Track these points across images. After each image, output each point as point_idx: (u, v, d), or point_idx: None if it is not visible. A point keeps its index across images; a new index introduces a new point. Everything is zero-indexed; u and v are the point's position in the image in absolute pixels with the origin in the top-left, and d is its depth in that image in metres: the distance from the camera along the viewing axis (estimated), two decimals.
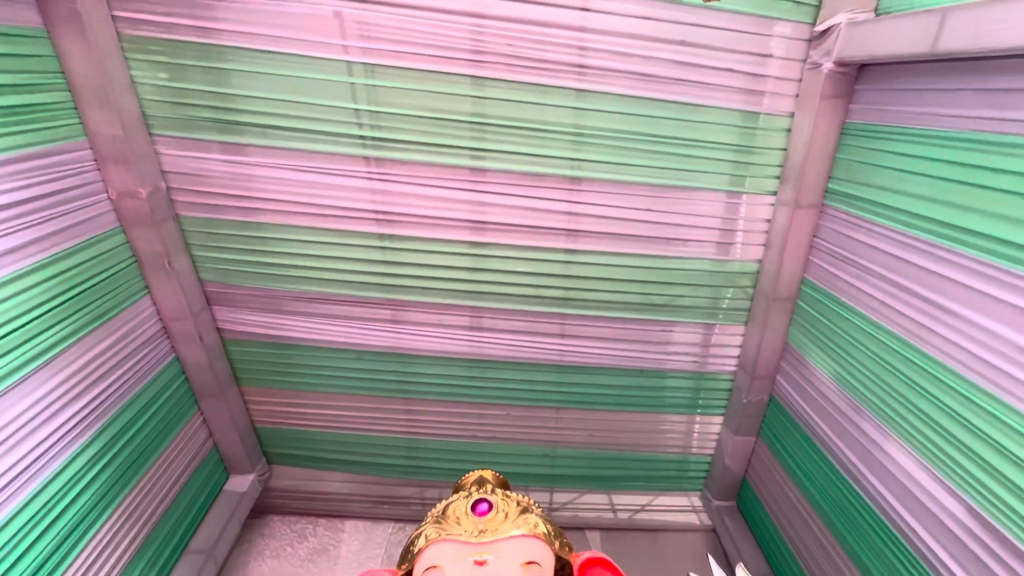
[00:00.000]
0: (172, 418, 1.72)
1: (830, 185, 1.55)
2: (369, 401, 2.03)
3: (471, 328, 1.88)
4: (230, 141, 1.53)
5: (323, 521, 2.25)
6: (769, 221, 1.72)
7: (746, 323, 1.89)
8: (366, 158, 1.57)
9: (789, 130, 1.59)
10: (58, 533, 1.25)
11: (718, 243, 1.77)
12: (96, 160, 1.39)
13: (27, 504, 1.17)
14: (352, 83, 1.48)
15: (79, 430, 1.31)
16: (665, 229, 1.72)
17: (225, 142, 1.53)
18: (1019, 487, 1.01)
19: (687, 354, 1.96)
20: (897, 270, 1.30)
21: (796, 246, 1.65)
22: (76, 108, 1.31)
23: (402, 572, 1.16)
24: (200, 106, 1.48)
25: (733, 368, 1.98)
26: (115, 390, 1.44)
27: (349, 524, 2.25)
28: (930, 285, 1.21)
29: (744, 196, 1.70)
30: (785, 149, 1.62)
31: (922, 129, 1.22)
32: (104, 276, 1.41)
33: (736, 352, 1.96)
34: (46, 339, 1.22)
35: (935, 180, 1.19)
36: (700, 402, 2.08)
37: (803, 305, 1.70)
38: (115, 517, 1.44)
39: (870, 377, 1.41)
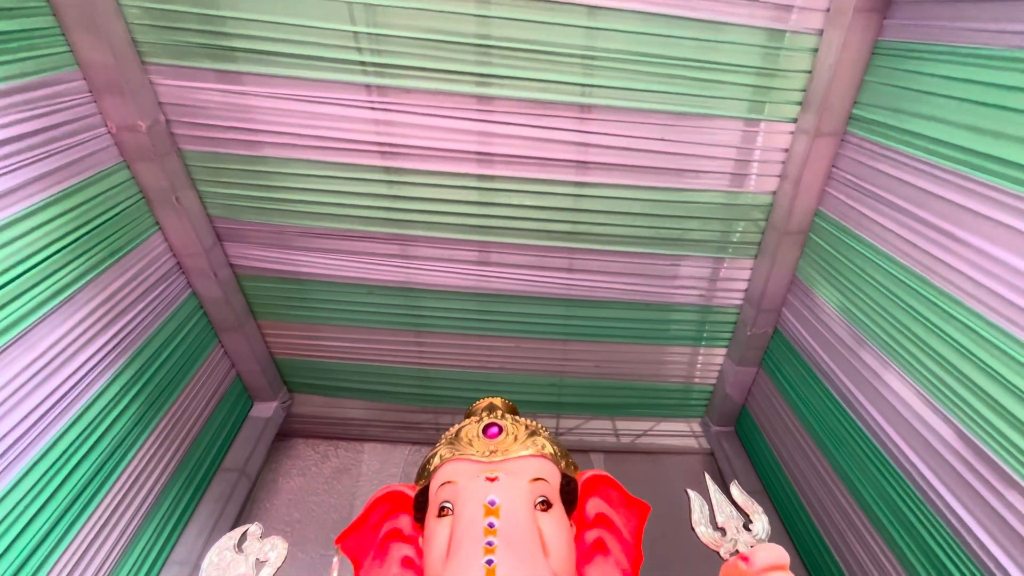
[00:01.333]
0: (195, 349, 1.79)
1: (855, 111, 1.47)
2: (381, 334, 2.09)
3: (479, 263, 1.89)
4: (225, 69, 1.46)
5: (344, 444, 2.40)
6: (787, 151, 1.66)
7: (755, 257, 1.88)
8: (367, 86, 1.51)
9: (816, 50, 1.48)
10: (100, 454, 1.35)
11: (732, 175, 1.72)
12: (91, 91, 1.34)
13: (69, 427, 1.26)
14: (349, 2, 1.38)
15: (108, 360, 1.38)
16: (678, 160, 1.66)
17: (220, 70, 1.47)
18: (1012, 414, 1.04)
19: (694, 288, 1.97)
20: (916, 201, 1.27)
21: (813, 177, 1.59)
22: (64, 35, 1.25)
23: (419, 487, 1.26)
24: (190, 30, 1.40)
25: (739, 302, 2.00)
26: (138, 323, 1.50)
27: (368, 447, 2.41)
28: (948, 216, 1.18)
29: (763, 124, 1.62)
30: (810, 72, 1.52)
31: (961, 47, 1.14)
32: (114, 213, 1.41)
33: (743, 286, 1.96)
34: (65, 275, 1.25)
35: (969, 104, 1.12)
36: (705, 334, 2.12)
37: (815, 238, 1.68)
38: (152, 439, 1.55)
39: (875, 309, 1.42)
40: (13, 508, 1.11)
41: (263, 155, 1.62)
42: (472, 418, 1.37)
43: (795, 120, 1.60)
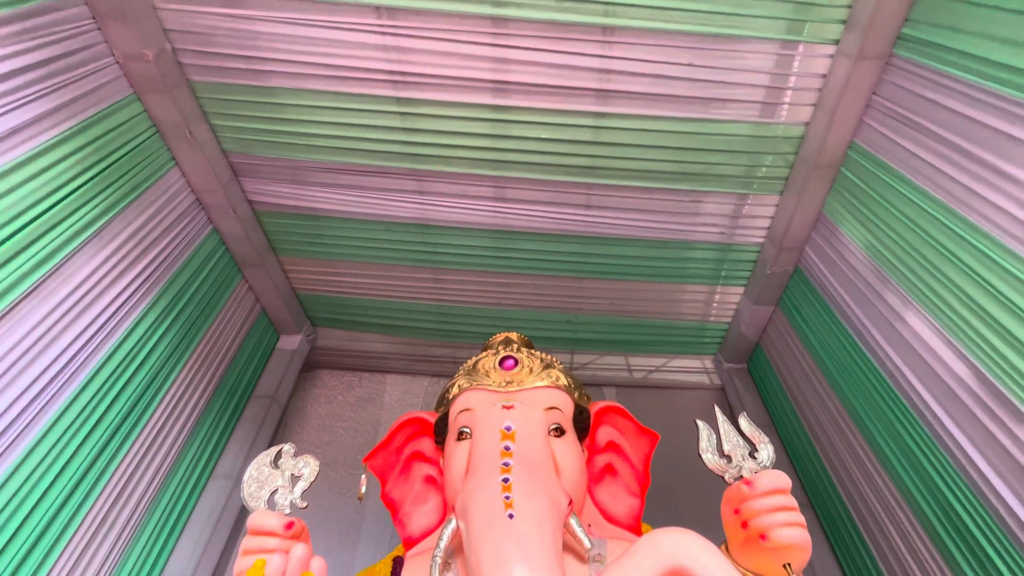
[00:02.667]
0: (220, 284, 1.85)
1: (904, 30, 1.35)
2: (399, 270, 2.12)
3: (495, 199, 1.86)
4: None
5: (367, 375, 2.52)
6: (825, 76, 1.54)
7: (781, 193, 1.81)
8: (376, 7, 1.43)
9: None
10: (142, 380, 1.44)
11: (763, 103, 1.62)
12: (95, 18, 1.30)
13: (111, 355, 1.34)
14: None
15: (141, 293, 1.44)
16: (706, 88, 1.57)
17: None
18: None
19: (715, 225, 1.93)
20: (959, 130, 1.19)
21: (851, 105, 1.49)
22: None
23: (439, 414, 1.33)
24: None
25: (761, 240, 1.95)
26: (164, 258, 1.54)
27: (390, 378, 2.52)
28: (992, 146, 1.10)
29: (801, 46, 1.50)
30: None
31: None
32: (129, 148, 1.41)
33: (766, 223, 1.91)
34: (90, 211, 1.28)
35: None
36: (723, 273, 2.10)
37: (846, 172, 1.60)
38: (187, 367, 1.65)
39: (903, 247, 1.38)
40: (66, 430, 1.21)
41: (272, 86, 1.57)
42: (489, 351, 1.42)
43: (837, 42, 1.47)
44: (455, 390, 1.28)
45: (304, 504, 0.99)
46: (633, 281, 2.11)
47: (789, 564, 0.88)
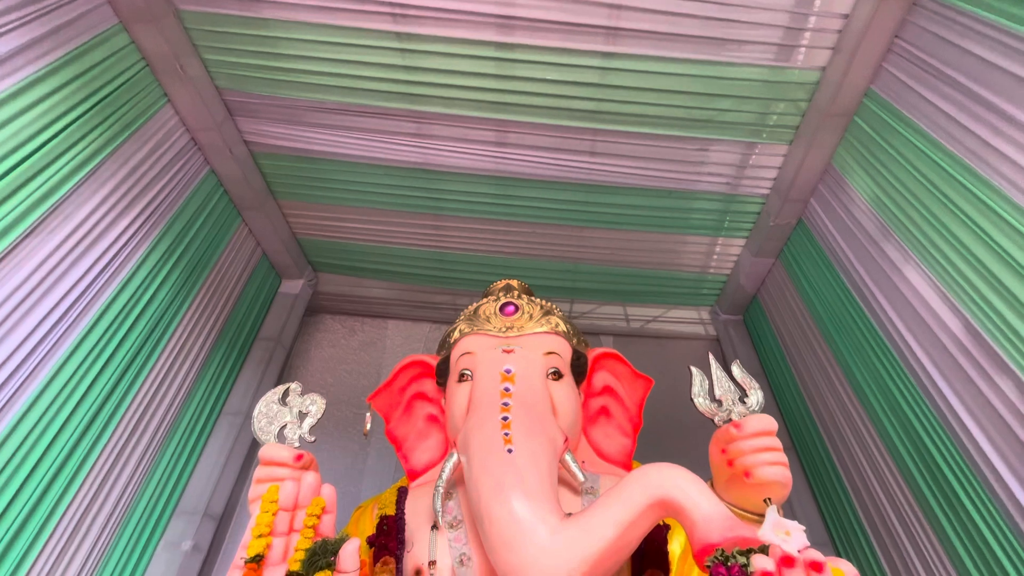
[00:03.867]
0: (221, 227, 1.84)
1: None
2: (399, 216, 2.11)
3: (497, 144, 1.82)
4: None
5: (369, 320, 2.56)
6: (847, 17, 1.46)
7: (791, 142, 1.77)
8: None
9: None
10: (149, 320, 1.47)
11: (779, 46, 1.54)
12: None
13: (117, 295, 1.35)
14: None
15: (142, 234, 1.44)
16: (721, 27, 1.49)
17: None
18: None
19: (721, 175, 1.89)
20: (980, 77, 1.15)
21: (871, 49, 1.43)
22: None
23: (440, 357, 1.36)
24: None
25: (766, 191, 1.92)
26: (163, 200, 1.53)
27: (391, 323, 2.56)
28: (1012, 95, 1.07)
29: None
30: None
31: None
32: (120, 82, 1.36)
33: (773, 174, 1.87)
34: (83, 150, 1.25)
35: None
36: (726, 224, 2.09)
37: (859, 122, 1.56)
38: (192, 309, 1.68)
39: (909, 200, 1.36)
40: (78, 368, 1.25)
41: (264, 17, 1.49)
42: (490, 297, 1.43)
43: None
44: (456, 334, 1.31)
45: (312, 439, 1.04)
46: (635, 231, 2.10)
47: (769, 499, 0.94)
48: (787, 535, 0.60)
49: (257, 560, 0.75)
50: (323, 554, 0.75)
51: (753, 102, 1.67)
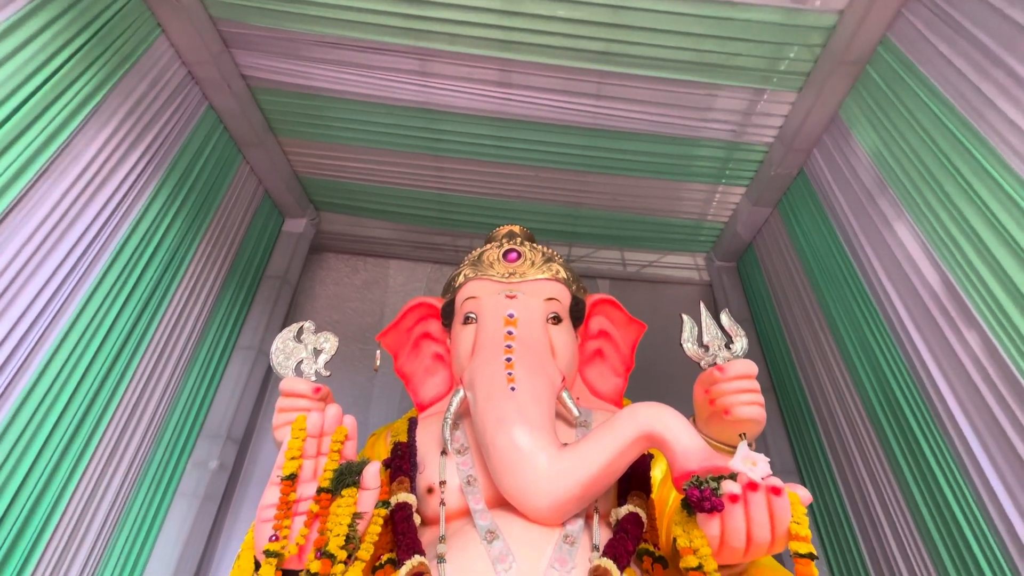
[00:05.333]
0: (223, 165, 1.84)
1: None
2: (401, 156, 2.09)
3: (501, 84, 1.78)
4: None
5: (371, 260, 2.60)
6: None
7: (800, 89, 1.74)
8: None
9: None
10: (159, 263, 1.51)
11: None
12: None
13: (128, 237, 1.38)
14: None
15: (146, 176, 1.44)
16: None
17: None
18: (1007, 273, 1.09)
19: (727, 122, 1.87)
20: (997, 32, 1.13)
21: None
22: None
23: (445, 300, 1.43)
24: None
25: (771, 139, 1.91)
26: (164, 138, 1.52)
27: (393, 263, 2.61)
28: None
29: None
30: None
31: None
32: (112, 12, 1.31)
33: (779, 122, 1.86)
34: (83, 87, 1.22)
35: None
36: (728, 171, 2.09)
37: (871, 71, 1.53)
38: (201, 249, 1.71)
39: (909, 156, 1.38)
40: (101, 305, 1.30)
41: None
42: (493, 243, 1.48)
43: None
44: (461, 279, 1.37)
45: (327, 373, 1.13)
46: (636, 177, 2.11)
47: (744, 434, 1.05)
48: (754, 465, 0.70)
49: (291, 478, 0.85)
50: (349, 474, 0.86)
51: (766, 46, 1.62)
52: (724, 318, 1.16)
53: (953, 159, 1.24)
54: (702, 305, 1.18)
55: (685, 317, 1.17)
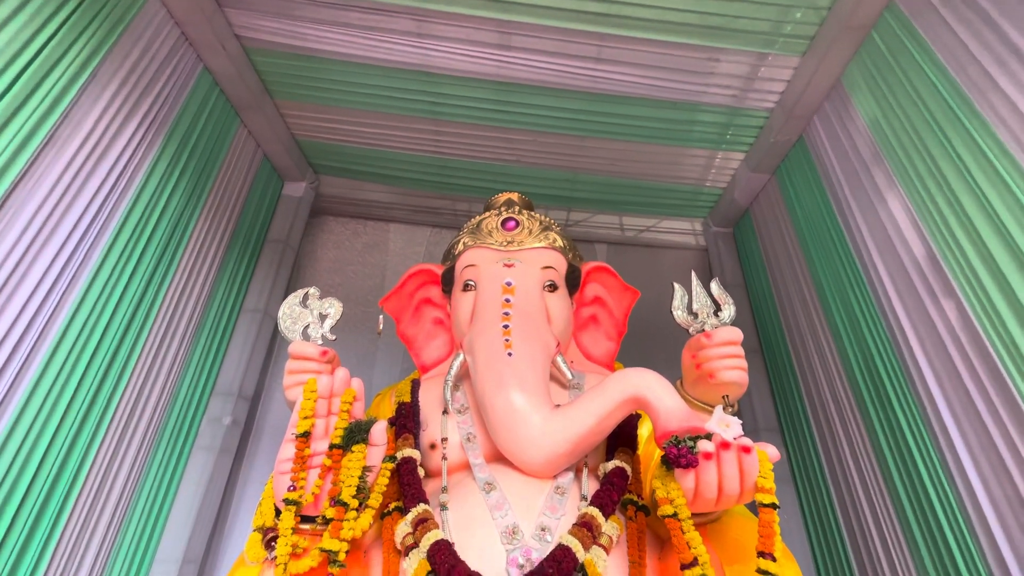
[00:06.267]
0: (221, 129, 1.83)
1: None
2: (399, 120, 2.07)
3: (500, 46, 1.75)
4: None
5: (371, 223, 2.62)
6: None
7: (803, 54, 1.71)
8: None
9: None
10: (164, 231, 1.53)
11: None
12: None
13: (132, 207, 1.40)
14: None
15: (146, 143, 1.45)
16: None
17: None
18: (987, 247, 1.13)
19: (728, 87, 1.85)
20: (1006, 9, 1.12)
21: None
22: None
23: (445, 267, 1.47)
24: None
25: (771, 105, 1.90)
26: (161, 104, 1.51)
27: (393, 227, 2.63)
28: None
29: None
30: None
31: None
32: None
33: (781, 87, 1.84)
34: (78, 53, 1.21)
35: None
36: (728, 137, 2.08)
37: (875, 38, 1.51)
38: (204, 214, 1.74)
39: (905, 127, 1.39)
40: (111, 274, 1.34)
41: None
42: (491, 211, 1.51)
43: None
44: (461, 246, 1.41)
45: (333, 337, 1.19)
46: (636, 142, 2.10)
47: (727, 396, 1.12)
48: (727, 427, 0.77)
49: (305, 435, 0.92)
50: (358, 431, 0.93)
51: (771, 8, 1.59)
52: (714, 286, 1.21)
53: (948, 133, 1.25)
54: (693, 274, 1.22)
55: (676, 286, 1.21)
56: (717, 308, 1.20)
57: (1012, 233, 1.07)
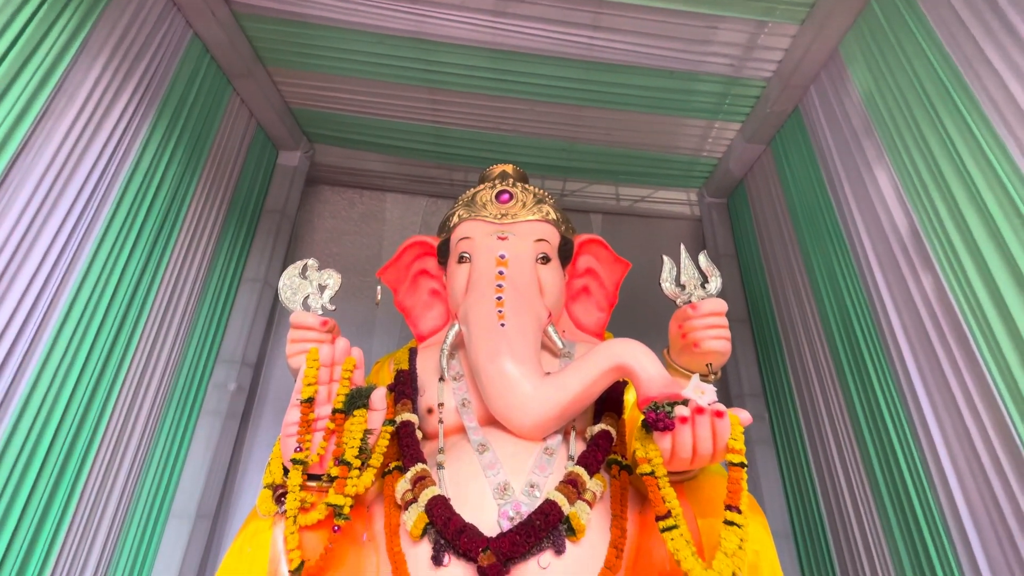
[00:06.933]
0: (214, 97, 1.82)
1: None
2: (394, 88, 2.05)
3: (496, 13, 1.71)
4: None
5: (367, 192, 2.63)
6: None
7: (802, 22, 1.69)
8: None
9: None
10: (162, 203, 1.55)
11: None
12: None
13: (129, 180, 1.41)
14: None
15: (140, 114, 1.44)
16: None
17: None
18: (968, 227, 1.15)
19: (726, 55, 1.84)
20: None
21: None
22: None
23: (440, 239, 1.51)
24: None
25: (769, 74, 1.89)
26: (153, 73, 1.49)
27: (389, 196, 2.64)
28: None
29: None
30: None
31: None
32: None
33: (779, 56, 1.82)
34: (67, 24, 1.19)
35: None
36: (724, 107, 2.07)
37: (874, 7, 1.49)
38: (200, 188, 1.74)
39: (898, 102, 1.39)
40: (113, 245, 1.37)
41: None
42: (486, 183, 1.53)
43: None
44: (456, 219, 1.44)
45: (333, 307, 1.23)
46: (633, 112, 2.09)
47: (711, 364, 1.18)
48: (702, 393, 0.82)
49: (309, 401, 0.98)
50: (359, 397, 0.99)
51: None
52: (702, 259, 1.25)
53: (938, 108, 1.26)
54: (682, 247, 1.26)
55: (665, 258, 1.26)
56: (705, 280, 1.25)
57: (991, 211, 1.10)
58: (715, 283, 1.24)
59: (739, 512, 0.80)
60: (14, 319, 1.11)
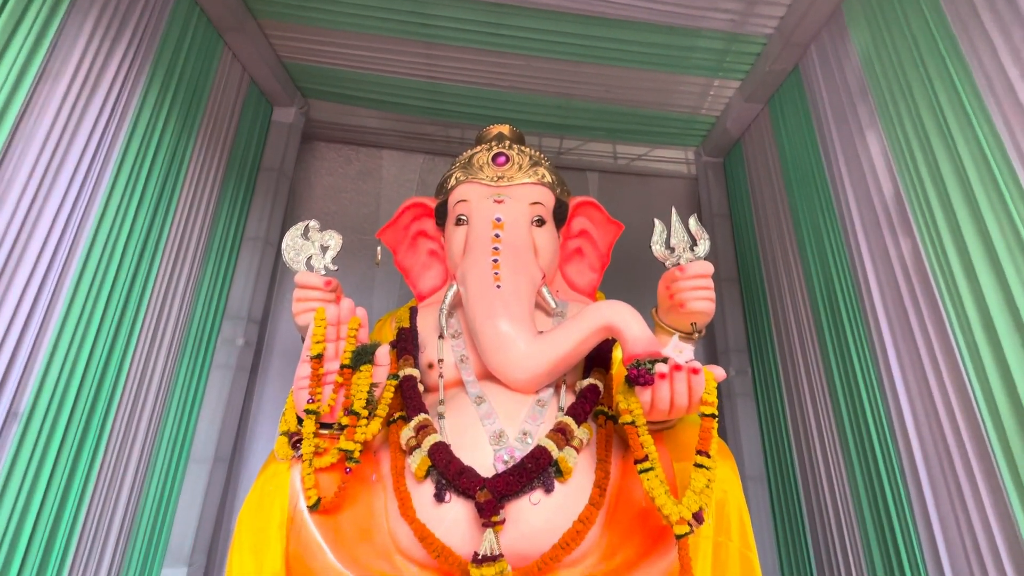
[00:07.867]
0: (206, 53, 1.78)
1: None
2: (389, 42, 2.01)
3: None
4: None
5: (364, 149, 2.62)
6: None
7: None
8: None
9: None
10: (162, 162, 1.56)
11: None
12: None
13: (129, 141, 1.42)
14: None
15: (134, 74, 1.42)
16: None
17: None
18: (948, 195, 1.20)
19: (728, 10, 1.80)
20: None
21: None
22: None
23: (438, 201, 1.54)
24: None
25: (770, 31, 1.85)
26: (144, 30, 1.47)
27: (386, 153, 2.63)
28: None
29: None
30: None
31: None
32: None
33: (781, 12, 1.79)
34: None
35: None
36: (725, 65, 2.05)
37: None
38: (197, 147, 1.75)
39: (894, 67, 1.40)
40: (119, 205, 1.40)
41: None
42: (483, 145, 1.54)
43: None
44: (453, 181, 1.47)
45: (335, 267, 1.28)
46: (631, 68, 2.06)
47: (695, 323, 1.25)
48: (680, 352, 0.90)
49: (319, 357, 1.06)
50: (365, 354, 1.06)
51: None
52: (692, 222, 1.30)
53: (933, 77, 1.27)
54: (673, 210, 1.30)
55: (657, 221, 1.30)
56: (694, 243, 1.29)
57: (971, 180, 1.15)
58: (703, 246, 1.29)
59: (708, 456, 0.90)
60: (29, 285, 1.16)
